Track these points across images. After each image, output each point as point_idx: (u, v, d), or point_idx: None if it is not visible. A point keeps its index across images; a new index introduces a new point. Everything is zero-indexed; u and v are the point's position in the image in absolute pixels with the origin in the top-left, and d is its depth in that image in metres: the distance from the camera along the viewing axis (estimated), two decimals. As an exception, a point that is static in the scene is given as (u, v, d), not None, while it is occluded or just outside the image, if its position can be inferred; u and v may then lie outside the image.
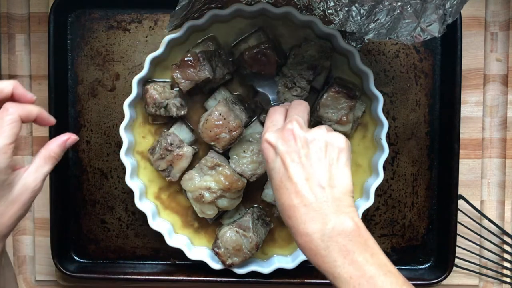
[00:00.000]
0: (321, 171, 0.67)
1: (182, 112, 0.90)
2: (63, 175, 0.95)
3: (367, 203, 0.89)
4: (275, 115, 0.75)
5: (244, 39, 0.91)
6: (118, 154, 0.89)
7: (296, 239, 0.67)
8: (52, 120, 0.73)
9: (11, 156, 0.65)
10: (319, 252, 0.64)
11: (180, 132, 0.91)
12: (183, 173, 0.90)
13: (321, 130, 0.70)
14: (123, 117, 0.88)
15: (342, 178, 0.68)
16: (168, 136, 0.89)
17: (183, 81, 0.87)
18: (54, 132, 0.92)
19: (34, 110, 0.69)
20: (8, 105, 0.67)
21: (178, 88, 0.90)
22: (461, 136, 0.93)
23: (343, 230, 0.64)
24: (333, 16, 0.82)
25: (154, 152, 0.90)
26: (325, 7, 0.82)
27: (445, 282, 0.94)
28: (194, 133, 0.93)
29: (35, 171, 0.69)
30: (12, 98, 0.69)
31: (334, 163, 0.68)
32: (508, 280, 0.98)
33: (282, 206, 0.68)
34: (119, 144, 0.91)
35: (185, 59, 0.86)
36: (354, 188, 0.92)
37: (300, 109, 0.75)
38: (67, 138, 0.73)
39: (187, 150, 0.88)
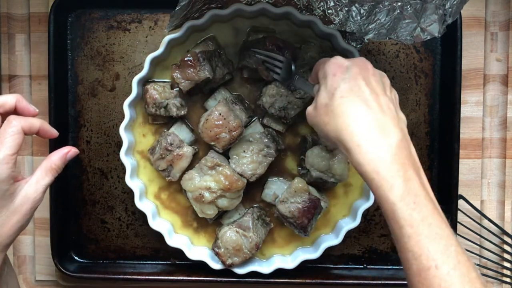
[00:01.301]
0: (388, 105, 0.67)
1: (182, 112, 0.90)
2: (63, 175, 0.95)
3: (367, 203, 0.89)
4: (338, 59, 0.71)
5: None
6: (118, 154, 0.89)
7: (361, 157, 0.63)
8: (54, 132, 0.74)
9: (13, 167, 0.67)
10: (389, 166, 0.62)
11: (180, 132, 0.91)
12: (183, 173, 0.89)
13: (388, 84, 0.71)
14: (123, 117, 0.88)
15: (397, 96, 0.71)
16: (168, 136, 0.89)
17: (183, 81, 0.87)
18: (54, 132, 0.92)
19: (36, 122, 0.71)
20: (12, 118, 0.69)
21: (178, 88, 0.90)
22: (461, 136, 0.93)
23: (409, 158, 0.63)
24: (333, 16, 0.82)
25: (154, 152, 0.90)
26: (325, 7, 0.82)
27: (445, 282, 0.94)
28: (194, 133, 0.93)
29: (36, 183, 0.70)
30: (15, 111, 0.71)
31: (396, 107, 0.69)
32: (508, 280, 0.98)
33: (346, 113, 0.65)
34: (119, 144, 0.91)
35: (185, 59, 0.86)
36: (354, 188, 0.94)
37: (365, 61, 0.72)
38: (68, 151, 0.74)
39: (187, 150, 0.88)
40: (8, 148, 0.66)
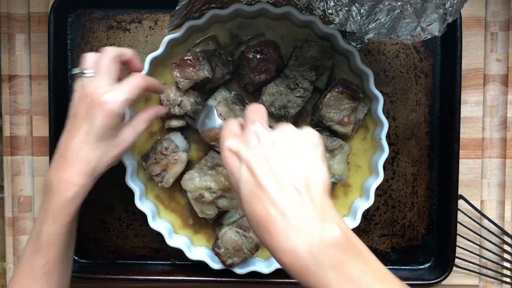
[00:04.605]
0: (294, 172, 0.59)
1: (196, 108, 0.89)
2: (63, 175, 0.95)
3: (367, 203, 0.89)
4: (230, 124, 0.67)
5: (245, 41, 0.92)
6: (118, 154, 0.89)
7: (278, 258, 0.57)
8: (163, 109, 0.87)
9: (125, 109, 0.74)
10: (309, 270, 0.55)
11: (175, 139, 0.91)
12: (176, 179, 0.89)
13: (289, 126, 0.63)
14: (123, 117, 0.88)
15: (318, 174, 0.60)
16: (163, 141, 0.89)
17: (182, 80, 0.87)
18: (54, 132, 0.92)
19: (156, 83, 0.83)
20: (139, 75, 0.78)
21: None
22: (461, 136, 0.93)
23: (333, 239, 0.56)
24: (333, 16, 0.82)
25: (148, 158, 0.90)
26: (325, 7, 0.82)
27: (445, 282, 0.94)
28: (189, 143, 0.93)
29: (133, 128, 0.79)
30: (128, 63, 0.81)
31: (307, 160, 0.60)
32: (508, 280, 0.98)
33: (257, 221, 0.58)
34: (119, 144, 0.91)
35: (185, 58, 0.86)
36: (354, 189, 0.93)
37: (260, 111, 0.67)
38: (160, 108, 0.86)
39: (182, 156, 0.88)
40: (129, 94, 0.74)
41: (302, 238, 0.56)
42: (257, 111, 0.67)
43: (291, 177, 0.59)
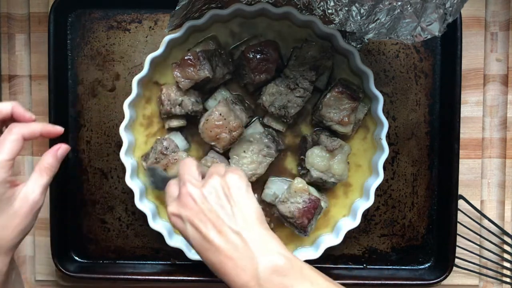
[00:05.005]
0: (229, 217, 0.68)
1: (198, 108, 0.89)
2: (63, 175, 0.95)
3: (367, 203, 0.89)
4: (170, 188, 0.74)
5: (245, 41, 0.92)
6: (118, 154, 0.89)
7: None
8: (58, 130, 0.76)
9: (9, 172, 0.69)
10: None
11: (175, 139, 0.90)
12: None
13: (215, 177, 0.70)
14: (123, 117, 0.88)
15: (250, 209, 0.69)
16: (164, 141, 0.89)
17: (182, 79, 0.87)
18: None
19: (37, 127, 0.73)
20: (13, 126, 0.71)
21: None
22: (461, 136, 0.93)
23: (275, 268, 0.64)
24: (333, 16, 0.82)
25: (148, 158, 0.90)
26: (325, 7, 0.82)
27: (445, 282, 0.94)
28: (189, 143, 0.93)
29: (33, 184, 0.72)
30: (12, 118, 0.73)
31: (237, 201, 0.69)
32: (508, 280, 0.98)
33: (211, 266, 0.68)
34: (119, 144, 0.91)
35: (185, 57, 0.86)
36: (354, 188, 0.93)
37: (187, 166, 0.74)
38: (58, 147, 0.76)
39: (182, 156, 0.88)
40: (5, 154, 0.68)
41: (249, 273, 0.64)
42: (186, 170, 0.73)
43: (228, 222, 0.67)
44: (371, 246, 0.97)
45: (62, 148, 0.76)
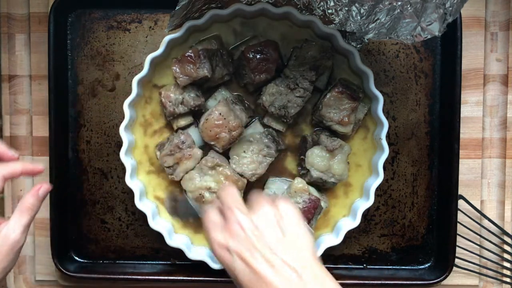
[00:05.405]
0: (282, 249, 0.62)
1: (199, 102, 0.89)
2: (63, 175, 0.95)
3: (367, 203, 0.89)
4: (211, 214, 0.69)
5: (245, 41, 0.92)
6: (118, 154, 0.89)
7: None
8: (39, 168, 0.75)
9: None
10: None
11: (193, 134, 0.90)
12: (186, 174, 0.89)
13: (265, 205, 0.66)
14: (123, 117, 0.88)
15: (306, 243, 0.64)
16: (181, 134, 0.88)
17: (181, 76, 0.87)
18: (54, 132, 0.92)
19: (18, 167, 0.73)
20: None
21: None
22: (461, 136, 0.93)
23: None
24: (333, 16, 0.82)
25: (163, 147, 0.90)
26: (325, 7, 0.82)
27: (445, 282, 0.94)
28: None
29: (14, 223, 0.72)
30: None
31: (292, 235, 0.64)
32: (508, 280, 0.98)
33: None
34: (119, 144, 0.91)
35: (186, 54, 0.86)
36: (354, 188, 0.94)
37: (231, 193, 0.69)
38: (39, 187, 0.75)
39: (197, 152, 0.88)
40: None
41: None
42: (231, 196, 0.68)
43: (282, 255, 0.61)
44: (371, 246, 0.97)
45: (43, 188, 0.75)
